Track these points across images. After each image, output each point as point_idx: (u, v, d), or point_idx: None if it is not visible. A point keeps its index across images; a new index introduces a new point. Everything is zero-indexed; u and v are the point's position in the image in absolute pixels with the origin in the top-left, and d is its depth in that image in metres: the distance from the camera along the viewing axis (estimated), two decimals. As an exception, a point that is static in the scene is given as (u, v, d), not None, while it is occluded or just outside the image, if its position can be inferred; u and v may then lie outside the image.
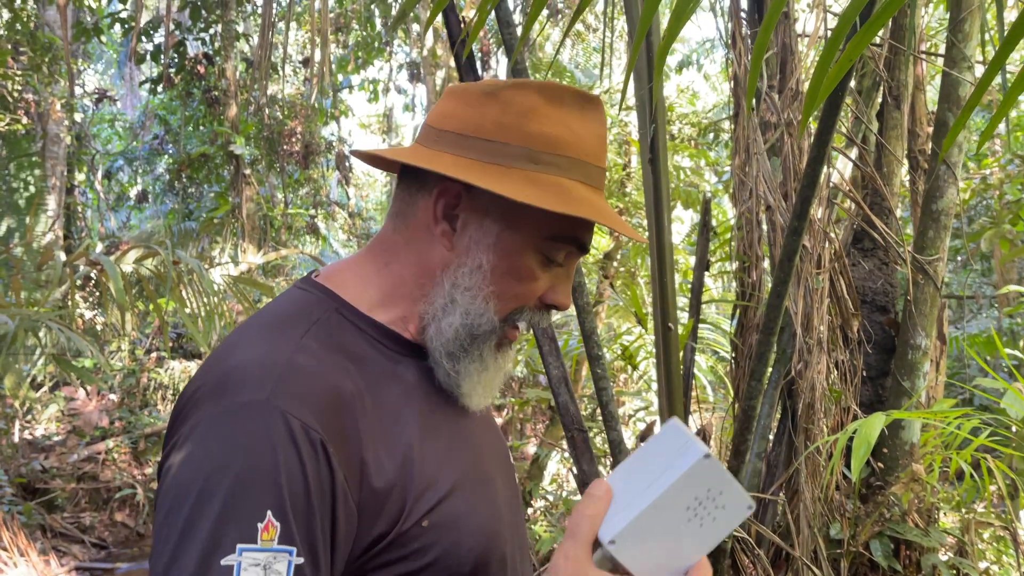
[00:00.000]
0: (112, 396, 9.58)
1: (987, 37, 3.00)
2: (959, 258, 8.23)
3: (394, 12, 12.32)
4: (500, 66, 15.72)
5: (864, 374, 3.09)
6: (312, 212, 13.49)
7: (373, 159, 0.99)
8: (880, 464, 2.95)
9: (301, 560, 0.73)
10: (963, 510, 2.95)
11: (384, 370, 0.88)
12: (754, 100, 2.81)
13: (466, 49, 2.24)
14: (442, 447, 0.89)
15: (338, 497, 0.77)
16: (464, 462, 0.92)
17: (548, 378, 2.45)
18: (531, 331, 2.25)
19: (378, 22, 13.54)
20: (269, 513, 0.72)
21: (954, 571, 2.74)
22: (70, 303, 5.86)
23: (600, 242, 8.33)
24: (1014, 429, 2.66)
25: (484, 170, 0.86)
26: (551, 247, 0.90)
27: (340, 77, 14.87)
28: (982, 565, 2.97)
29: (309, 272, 0.99)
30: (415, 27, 14.03)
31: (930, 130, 3.26)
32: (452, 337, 0.90)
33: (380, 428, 0.83)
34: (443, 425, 0.92)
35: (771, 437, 2.83)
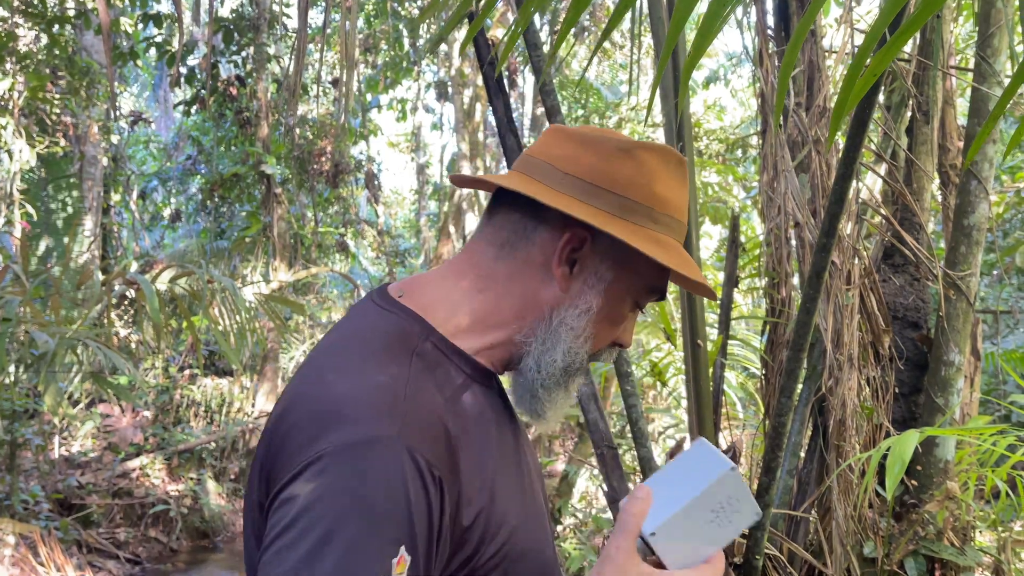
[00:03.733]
0: (146, 413, 9.72)
1: (1015, 51, 2.99)
2: (994, 272, 8.11)
3: (422, 32, 12.45)
4: (527, 84, 15.81)
5: (896, 391, 3.06)
6: (342, 230, 13.62)
7: (477, 183, 1.04)
8: (914, 482, 2.91)
9: None
10: (999, 529, 2.90)
11: (471, 403, 0.91)
12: (781, 117, 2.81)
13: (497, 70, 2.27)
14: (512, 481, 0.94)
15: (444, 522, 0.81)
16: (525, 493, 0.97)
17: (577, 395, 2.47)
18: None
19: (406, 42, 13.70)
20: (403, 548, 0.75)
21: (991, 591, 2.70)
22: (106, 321, 5.98)
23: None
24: (1051, 446, 2.62)
25: (614, 222, 0.91)
26: (646, 296, 0.98)
27: (369, 97, 15.04)
28: (1020, 585, 2.92)
29: (381, 285, 1.01)
30: (443, 47, 14.16)
31: (960, 145, 3.24)
32: (551, 371, 0.94)
33: (472, 464, 0.86)
34: (509, 453, 0.96)
35: (802, 454, 2.81)
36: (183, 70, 10.18)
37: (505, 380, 1.03)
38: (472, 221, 14.33)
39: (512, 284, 0.95)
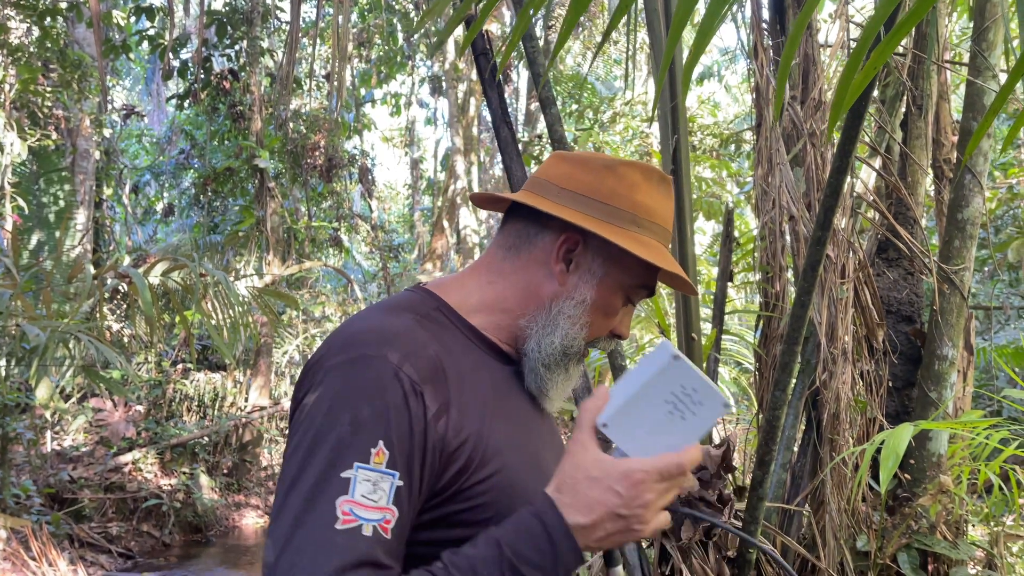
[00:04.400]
0: (139, 407, 9.69)
1: (1011, 46, 2.99)
2: (986, 268, 8.14)
3: (416, 27, 12.41)
4: (522, 79, 15.78)
5: (890, 384, 3.06)
6: (335, 225, 13.59)
7: (494, 201, 1.20)
8: (907, 475, 2.92)
9: (401, 483, 0.91)
10: (992, 522, 2.91)
11: (473, 361, 1.07)
12: (778, 111, 2.81)
13: (499, 70, 2.27)
14: (512, 430, 1.08)
15: (429, 432, 0.95)
16: (528, 451, 1.10)
17: (572, 391, 2.46)
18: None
19: (400, 37, 13.66)
20: (380, 442, 0.91)
21: (983, 585, 2.71)
22: (98, 315, 5.95)
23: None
24: (1044, 440, 2.63)
25: (602, 226, 1.07)
26: (636, 292, 1.14)
27: (363, 91, 15.00)
28: (1012, 579, 2.93)
29: (417, 285, 1.20)
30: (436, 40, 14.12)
31: (955, 139, 3.24)
32: (551, 352, 1.11)
33: (465, 397, 1.01)
34: (518, 415, 1.12)
35: (795, 448, 2.82)
36: (175, 64, 10.14)
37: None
38: (465, 216, 14.31)
39: (517, 278, 1.13)
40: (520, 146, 2.63)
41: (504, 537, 0.89)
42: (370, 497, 0.89)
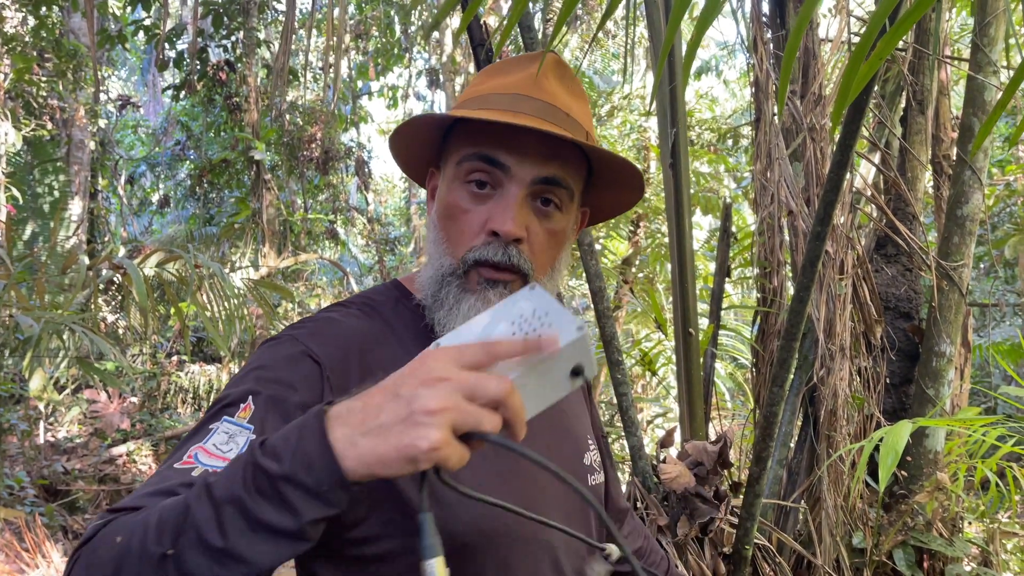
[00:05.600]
0: (133, 399, 9.66)
1: (1012, 42, 2.97)
2: (982, 265, 8.14)
3: (413, 18, 12.37)
4: (519, 72, 15.72)
5: (887, 381, 3.06)
6: (331, 217, 13.56)
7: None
8: (904, 473, 2.91)
9: (254, 437, 0.84)
10: (988, 520, 2.91)
11: (414, 336, 1.01)
12: (775, 105, 2.79)
13: (495, 54, 2.24)
14: None
15: (309, 400, 0.90)
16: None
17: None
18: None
19: (397, 28, 13.60)
20: (251, 398, 0.87)
21: (979, 582, 2.71)
22: (93, 306, 5.92)
23: (619, 247, 8.31)
24: (1040, 438, 2.62)
25: (446, 118, 1.01)
26: (464, 172, 0.99)
27: (359, 83, 14.95)
28: (1007, 576, 2.92)
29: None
30: (435, 34, 14.08)
31: (954, 135, 3.23)
32: (427, 287, 1.02)
33: (377, 371, 0.88)
34: None
35: (792, 444, 2.81)
36: (171, 54, 10.08)
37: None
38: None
39: (429, 242, 1.06)
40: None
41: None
42: (220, 447, 0.83)
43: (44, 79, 8.76)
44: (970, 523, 3.22)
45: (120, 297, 9.12)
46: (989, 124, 1.28)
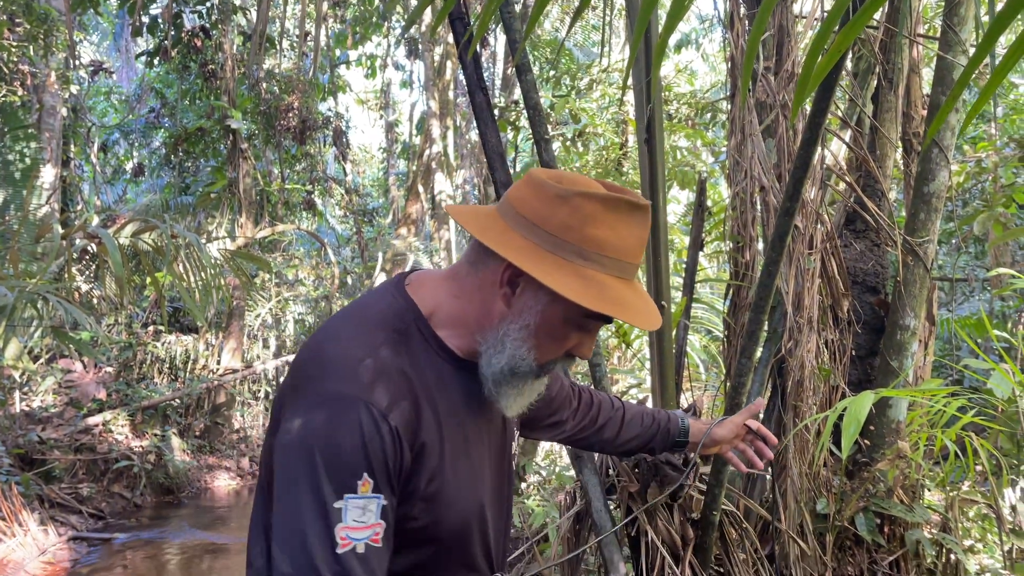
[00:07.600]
0: (109, 369, 9.62)
1: (982, 20, 3.02)
2: (953, 241, 8.28)
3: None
4: (498, 43, 15.62)
5: (853, 353, 3.13)
6: (309, 188, 13.46)
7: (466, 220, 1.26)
8: (867, 441, 3.00)
9: (385, 502, 1.08)
10: (948, 488, 3.01)
11: (438, 375, 1.19)
12: (750, 81, 2.83)
13: (471, 48, 2.25)
14: (459, 443, 1.21)
15: (403, 458, 1.11)
16: (471, 457, 1.24)
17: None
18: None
19: (376, -3, 13.43)
20: (365, 474, 1.06)
21: (937, 547, 2.81)
22: (67, 276, 5.87)
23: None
24: (1000, 409, 2.71)
25: (544, 258, 1.11)
26: (586, 322, 1.17)
27: (337, 52, 14.77)
28: (967, 543, 3.03)
29: (409, 271, 1.30)
30: (413, 2, 13.91)
31: (924, 113, 3.28)
32: (498, 371, 1.18)
33: (430, 415, 1.15)
34: (467, 423, 1.24)
35: (760, 414, 2.88)
36: (145, 19, 9.91)
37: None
38: (441, 181, 14.23)
39: (475, 296, 1.20)
40: (496, 112, 2.62)
41: None
42: (360, 520, 1.06)
43: (14, 44, 8.59)
44: (930, 491, 3.33)
45: (95, 267, 9.04)
46: (951, 102, 1.32)
